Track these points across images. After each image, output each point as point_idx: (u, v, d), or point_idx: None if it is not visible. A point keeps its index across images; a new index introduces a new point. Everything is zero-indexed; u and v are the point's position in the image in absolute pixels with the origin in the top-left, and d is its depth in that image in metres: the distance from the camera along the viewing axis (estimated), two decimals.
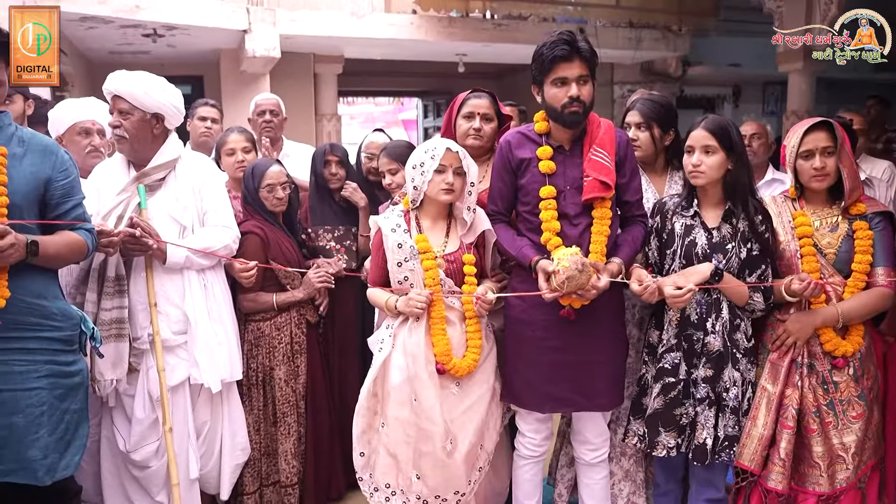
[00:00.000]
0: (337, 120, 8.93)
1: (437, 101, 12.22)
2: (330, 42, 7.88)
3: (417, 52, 8.84)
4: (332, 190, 3.37)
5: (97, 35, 6.52)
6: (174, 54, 7.40)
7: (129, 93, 2.67)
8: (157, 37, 6.57)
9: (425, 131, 12.54)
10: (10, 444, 2.12)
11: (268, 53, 6.67)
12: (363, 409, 2.63)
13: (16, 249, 2.03)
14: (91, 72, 7.79)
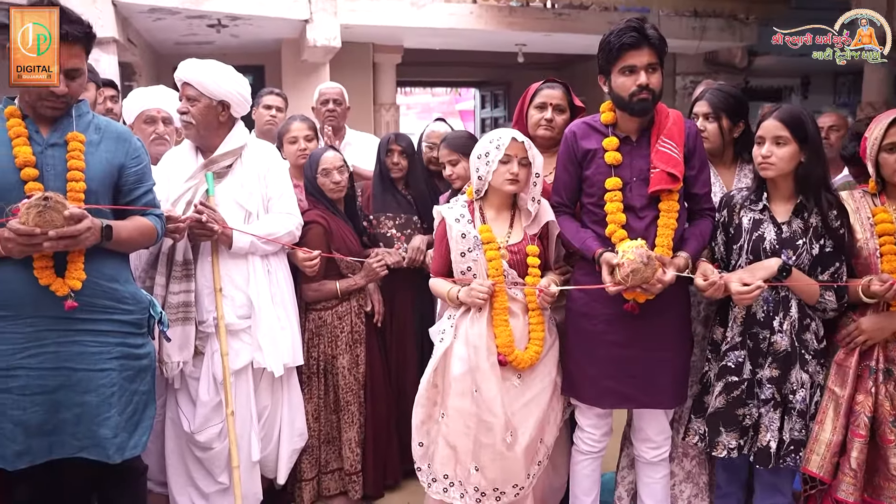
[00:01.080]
0: (395, 110, 8.96)
1: (494, 92, 12.17)
2: (389, 32, 7.90)
3: (476, 41, 8.79)
4: (395, 179, 3.37)
5: (164, 26, 6.68)
6: (237, 44, 7.52)
7: (197, 80, 2.73)
8: (221, 27, 6.69)
9: (482, 122, 12.51)
10: (83, 421, 2.19)
11: (328, 43, 6.72)
12: (423, 400, 2.63)
13: (92, 233, 2.08)
14: (157, 62, 7.99)
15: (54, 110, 2.17)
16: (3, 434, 2.14)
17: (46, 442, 2.18)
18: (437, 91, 18.60)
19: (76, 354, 2.17)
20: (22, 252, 2.03)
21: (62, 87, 2.12)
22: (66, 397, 2.17)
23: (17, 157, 2.11)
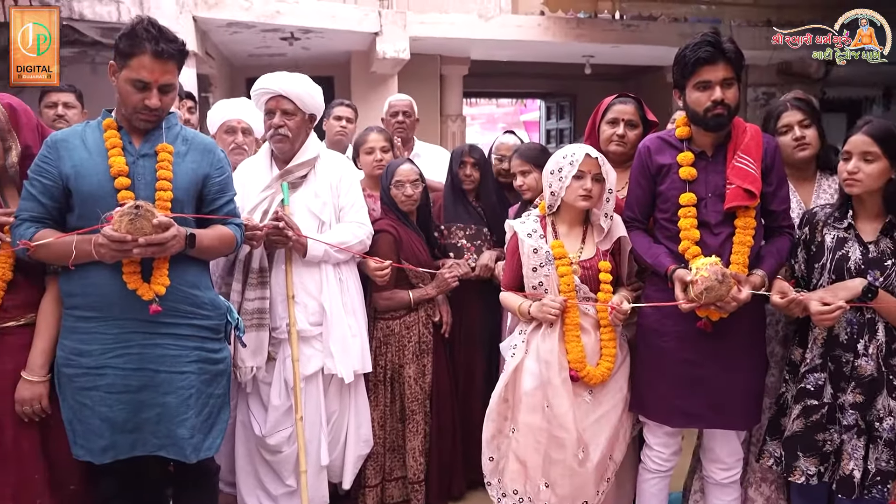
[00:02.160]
0: (462, 121, 9.01)
1: (560, 103, 12.10)
2: (457, 44, 7.95)
3: (543, 53, 8.77)
4: (466, 191, 3.39)
5: (239, 39, 6.88)
6: (308, 56, 7.70)
7: (296, 94, 2.81)
8: (293, 40, 6.85)
9: (547, 133, 12.45)
10: (163, 421, 2.27)
11: (397, 55, 6.81)
12: (493, 414, 2.63)
13: (177, 241, 2.16)
14: (231, 74, 8.24)
15: (147, 123, 2.26)
16: (91, 429, 2.24)
17: (130, 439, 2.27)
18: (502, 102, 18.62)
19: (158, 357, 2.25)
20: (113, 257, 2.12)
21: (154, 100, 2.21)
22: (148, 397, 2.25)
23: (113, 167, 2.21)
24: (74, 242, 2.14)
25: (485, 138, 16.62)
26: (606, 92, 3.13)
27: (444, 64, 8.71)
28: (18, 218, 2.24)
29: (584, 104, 11.11)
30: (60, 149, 2.24)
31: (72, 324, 2.26)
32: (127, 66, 2.18)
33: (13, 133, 2.33)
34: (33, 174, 2.24)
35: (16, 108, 2.36)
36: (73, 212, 2.24)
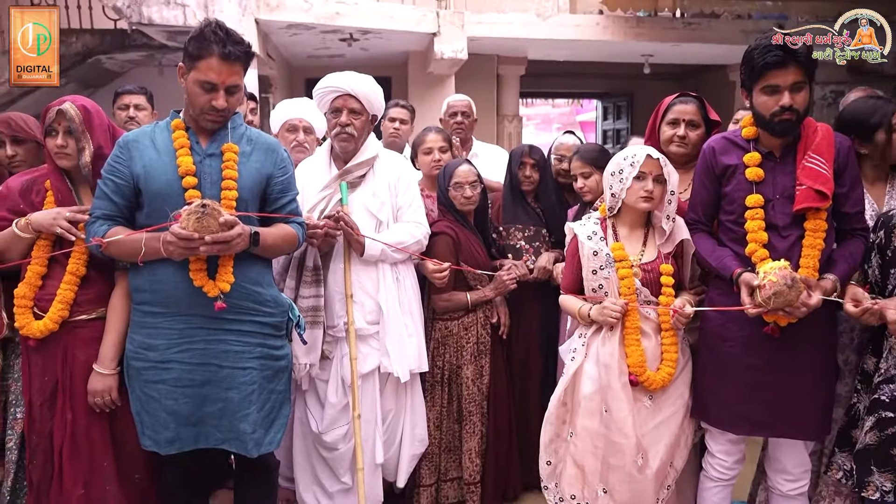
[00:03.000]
0: (518, 121, 8.98)
1: (617, 103, 11.96)
2: (514, 43, 7.93)
3: (601, 52, 8.68)
4: (525, 191, 3.37)
5: (299, 41, 6.99)
6: (365, 57, 7.78)
7: (363, 94, 2.84)
8: (352, 41, 6.94)
9: (604, 134, 12.32)
10: (226, 415, 2.31)
11: (455, 55, 6.82)
12: (552, 418, 2.61)
13: (242, 239, 2.19)
14: (290, 75, 8.38)
15: (214, 123, 2.31)
16: (157, 421, 2.30)
17: (193, 432, 2.32)
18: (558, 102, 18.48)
19: (222, 352, 2.30)
20: (181, 254, 2.17)
21: (221, 101, 2.25)
22: (211, 392, 2.30)
23: (180, 167, 2.26)
24: (144, 240, 2.20)
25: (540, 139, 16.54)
26: (665, 91, 3.06)
27: (501, 64, 8.69)
28: (92, 216, 2.32)
29: (642, 104, 10.97)
30: (132, 149, 2.31)
31: (140, 319, 2.32)
32: (195, 67, 2.23)
33: (87, 134, 2.41)
34: (106, 173, 2.31)
35: (89, 110, 2.44)
36: (143, 210, 2.30)
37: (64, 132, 2.38)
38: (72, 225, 2.36)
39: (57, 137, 2.38)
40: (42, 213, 2.38)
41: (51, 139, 2.40)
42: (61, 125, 2.38)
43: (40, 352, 2.40)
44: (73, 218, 2.36)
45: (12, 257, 2.40)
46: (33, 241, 2.40)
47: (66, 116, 2.37)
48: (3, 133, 2.67)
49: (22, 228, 2.37)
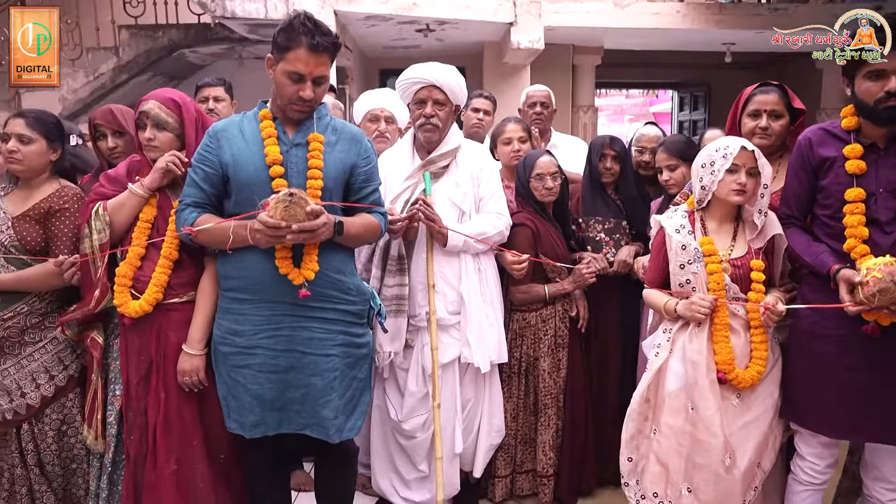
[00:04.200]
0: (594, 112, 8.84)
1: (693, 93, 11.62)
2: (591, 33, 7.79)
3: (680, 41, 8.43)
4: (605, 183, 3.31)
5: (375, 32, 7.05)
6: (441, 47, 7.78)
7: (448, 84, 2.84)
8: (428, 31, 6.94)
9: (679, 125, 12.00)
10: (308, 401, 2.35)
11: (531, 45, 6.75)
12: (634, 414, 2.56)
13: (327, 228, 2.21)
14: (365, 66, 8.46)
15: (301, 113, 2.33)
16: (243, 405, 2.36)
17: (277, 416, 2.37)
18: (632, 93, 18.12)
19: (306, 339, 2.33)
20: (268, 242, 2.20)
21: (308, 92, 2.27)
22: (294, 378, 2.34)
23: (268, 156, 2.30)
24: (232, 228, 2.25)
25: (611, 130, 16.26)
26: (746, 81, 2.93)
27: (577, 54, 8.56)
28: (182, 203, 2.38)
29: (720, 94, 10.63)
30: (220, 138, 2.36)
31: (227, 304, 2.37)
32: (283, 58, 2.26)
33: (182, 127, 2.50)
34: (196, 162, 2.37)
35: (178, 102, 2.53)
36: (231, 198, 2.35)
37: (151, 125, 2.47)
38: None
39: (146, 130, 2.47)
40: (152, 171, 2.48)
41: (141, 132, 2.49)
42: (149, 118, 2.47)
43: (136, 332, 2.50)
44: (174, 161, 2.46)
45: (119, 225, 2.50)
46: (142, 204, 2.50)
47: (149, 114, 2.46)
48: (105, 126, 2.78)
49: (136, 185, 2.48)
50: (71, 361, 2.70)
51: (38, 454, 2.69)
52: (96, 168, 2.95)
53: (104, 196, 2.54)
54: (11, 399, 2.63)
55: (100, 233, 2.48)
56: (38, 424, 2.68)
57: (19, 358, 2.64)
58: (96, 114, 2.82)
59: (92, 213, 2.50)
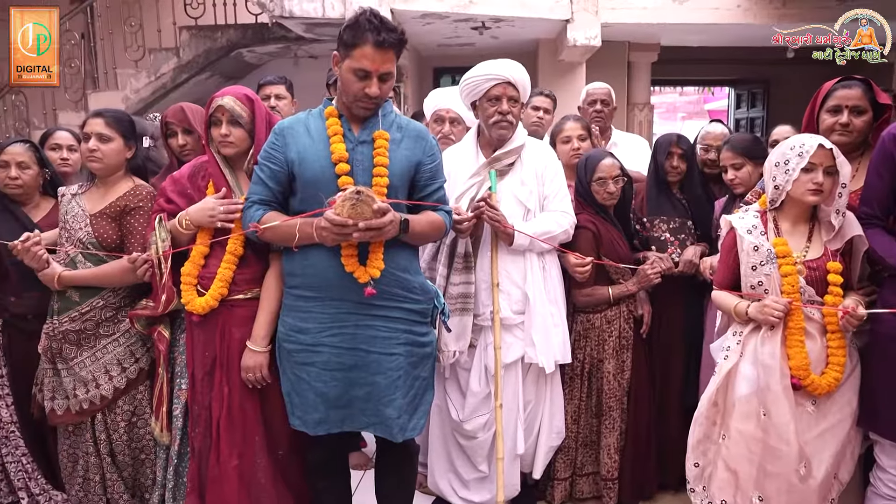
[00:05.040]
0: (650, 110, 8.70)
1: (752, 90, 11.34)
2: (648, 29, 7.66)
3: (739, 37, 8.22)
4: (670, 182, 3.24)
5: (431, 30, 7.04)
6: (495, 45, 7.73)
7: (522, 82, 2.82)
8: (483, 29, 6.91)
9: (736, 123, 11.72)
10: (372, 399, 2.35)
11: (588, 42, 6.66)
12: (701, 418, 2.50)
13: (393, 226, 2.21)
14: (419, 64, 8.47)
15: (366, 110, 2.33)
16: (307, 402, 2.37)
17: (341, 414, 2.37)
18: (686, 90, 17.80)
19: (370, 338, 2.32)
20: (334, 240, 2.20)
21: (374, 89, 2.27)
22: (358, 376, 2.34)
23: (334, 153, 2.29)
24: (298, 226, 2.26)
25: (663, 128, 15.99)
26: (811, 76, 2.82)
27: (633, 51, 8.43)
28: (249, 200, 2.41)
29: (780, 91, 10.34)
30: (286, 136, 2.37)
31: (292, 302, 2.39)
32: (350, 56, 2.25)
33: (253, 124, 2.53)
34: (262, 160, 2.38)
35: (252, 99, 2.55)
36: (296, 196, 2.36)
37: (227, 121, 2.49)
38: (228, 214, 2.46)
39: (221, 127, 2.49)
40: (198, 211, 2.48)
41: (215, 128, 2.51)
42: (224, 115, 2.49)
43: (202, 327, 2.53)
44: (228, 209, 2.46)
45: (181, 243, 2.55)
46: (195, 233, 2.53)
47: (226, 108, 2.48)
48: (176, 124, 2.84)
49: (183, 227, 2.51)
50: (142, 354, 2.77)
51: (110, 444, 2.77)
52: (166, 165, 3.01)
53: (162, 208, 2.59)
54: (87, 390, 2.71)
55: (164, 241, 2.53)
56: (111, 415, 2.75)
57: (94, 350, 2.71)
58: (168, 112, 2.88)
59: (155, 223, 2.55)
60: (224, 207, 2.45)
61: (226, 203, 2.47)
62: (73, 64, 7.25)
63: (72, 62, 7.24)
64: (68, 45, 7.30)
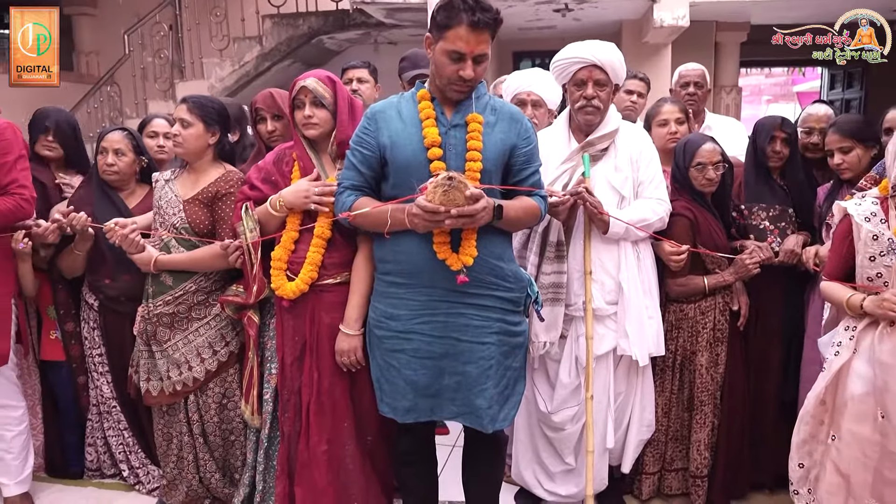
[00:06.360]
0: (737, 92, 8.33)
1: (848, 70, 10.73)
2: (737, 7, 7.32)
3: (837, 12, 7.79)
4: (771, 168, 3.07)
5: (512, 13, 6.92)
6: (576, 28, 7.56)
7: (610, 64, 2.71)
8: (566, 11, 6.76)
9: (830, 104, 11.13)
10: (462, 389, 2.31)
11: (675, 23, 6.42)
12: (807, 417, 2.36)
13: (486, 212, 2.14)
14: (499, 48, 8.36)
15: (460, 93, 2.27)
16: (396, 389, 2.35)
17: (430, 403, 2.34)
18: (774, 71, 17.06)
19: (462, 326, 2.28)
20: (425, 227, 2.16)
21: (469, 71, 2.20)
22: (449, 365, 2.30)
23: (426, 138, 2.24)
24: (389, 212, 2.23)
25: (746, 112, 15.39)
26: None
27: (720, 30, 8.09)
28: (341, 186, 2.39)
29: (880, 70, 9.75)
30: (378, 120, 2.33)
31: (383, 288, 2.36)
32: (443, 37, 2.19)
33: None
34: (354, 144, 2.36)
35: (333, 80, 2.55)
36: (388, 181, 2.33)
37: (310, 103, 2.49)
38: None
39: (304, 108, 2.49)
40: (292, 192, 2.49)
41: (298, 111, 2.51)
42: (307, 96, 2.49)
43: (291, 313, 2.55)
44: (322, 192, 2.45)
45: (270, 230, 2.57)
46: (284, 217, 2.54)
47: (309, 90, 2.48)
48: (265, 109, 2.86)
49: (276, 209, 2.51)
50: (232, 338, 2.82)
51: (202, 424, 2.84)
52: (255, 151, 3.04)
53: (247, 196, 2.61)
54: (180, 372, 2.77)
55: (251, 231, 2.55)
56: (202, 396, 2.82)
57: (187, 333, 2.78)
58: (258, 98, 2.91)
59: (242, 212, 2.57)
60: (318, 189, 2.45)
61: (319, 185, 2.47)
62: (163, 54, 7.49)
63: (161, 53, 7.48)
64: (157, 36, 7.55)
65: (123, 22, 7.55)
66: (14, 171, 2.78)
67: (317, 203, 2.45)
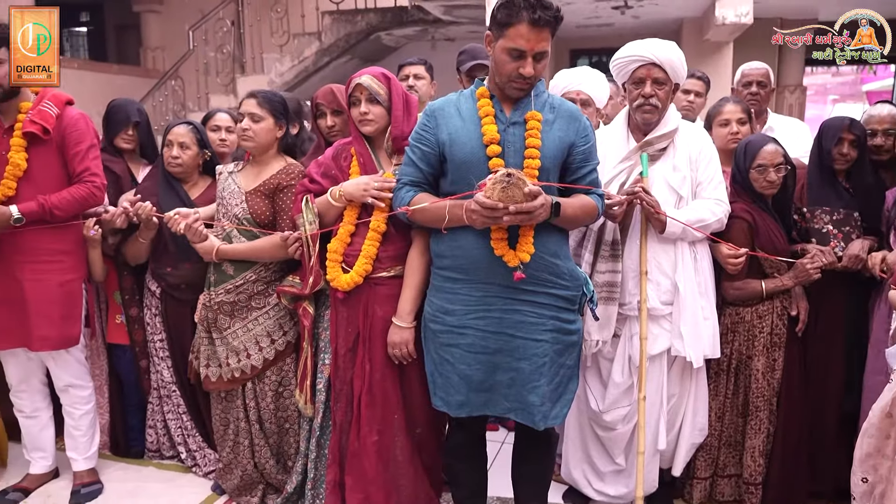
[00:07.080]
0: (801, 92, 8.14)
1: None
2: (803, 3, 7.15)
3: None
4: (837, 171, 2.99)
5: (570, 10, 6.89)
6: (635, 25, 7.48)
7: (669, 62, 2.68)
8: (625, 8, 6.69)
9: None
10: (515, 385, 2.32)
11: (738, 20, 6.29)
12: (873, 429, 2.29)
13: (544, 210, 2.15)
14: (555, 45, 8.29)
15: (519, 91, 2.28)
16: (450, 384, 2.37)
17: (483, 398, 2.36)
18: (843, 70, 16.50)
19: (516, 322, 2.29)
20: (483, 223, 2.17)
21: (529, 69, 2.21)
22: (502, 361, 2.31)
23: (485, 135, 2.26)
24: (447, 208, 2.25)
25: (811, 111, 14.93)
26: None
27: (785, 28, 7.88)
28: (399, 181, 2.43)
29: None
30: (438, 117, 2.36)
31: (440, 283, 2.39)
32: (504, 35, 2.20)
33: None
34: (414, 141, 2.39)
35: (388, 76, 2.60)
36: (447, 177, 2.35)
37: (366, 99, 2.53)
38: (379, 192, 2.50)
39: (360, 105, 2.54)
40: (353, 185, 2.54)
41: (354, 108, 2.56)
42: (363, 93, 2.54)
43: (346, 304, 2.60)
44: (381, 187, 2.50)
45: (328, 222, 2.63)
46: (342, 209, 2.60)
47: (364, 86, 2.53)
48: (326, 105, 2.92)
49: (335, 199, 2.57)
50: (289, 328, 2.89)
51: (258, 411, 2.91)
52: (314, 145, 3.10)
53: (307, 189, 2.67)
54: (239, 359, 2.85)
55: (311, 224, 2.61)
56: (259, 384, 2.89)
57: (246, 322, 2.85)
58: (318, 93, 2.97)
59: (302, 205, 2.63)
60: (378, 184, 2.49)
61: (379, 180, 2.51)
62: (225, 50, 7.67)
63: (223, 48, 7.66)
64: (220, 32, 7.75)
65: (188, 18, 7.77)
66: (87, 159, 2.90)
67: (374, 197, 2.48)
